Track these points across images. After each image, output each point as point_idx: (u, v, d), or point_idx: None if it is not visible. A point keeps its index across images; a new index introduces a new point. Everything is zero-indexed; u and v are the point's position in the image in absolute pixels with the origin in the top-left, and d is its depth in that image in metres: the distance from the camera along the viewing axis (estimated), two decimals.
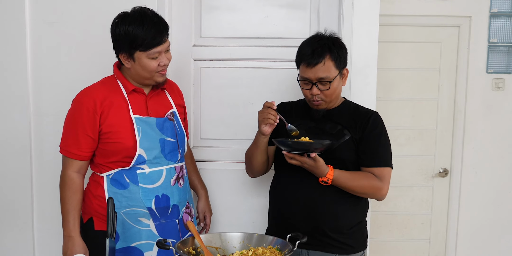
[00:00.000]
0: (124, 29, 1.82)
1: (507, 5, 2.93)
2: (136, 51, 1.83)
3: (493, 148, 3.01)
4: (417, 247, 3.12)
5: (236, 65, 2.51)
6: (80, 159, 1.91)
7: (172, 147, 1.99)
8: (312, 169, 1.85)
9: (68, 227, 1.90)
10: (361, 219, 2.03)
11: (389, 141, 2.00)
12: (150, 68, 1.86)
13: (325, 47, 1.90)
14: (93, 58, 2.37)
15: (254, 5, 2.49)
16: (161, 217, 1.96)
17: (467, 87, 2.98)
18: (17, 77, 2.38)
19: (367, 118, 1.96)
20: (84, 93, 1.92)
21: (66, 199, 1.90)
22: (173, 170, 1.99)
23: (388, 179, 1.95)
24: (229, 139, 2.55)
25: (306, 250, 1.95)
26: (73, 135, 1.89)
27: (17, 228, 2.44)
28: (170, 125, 2.00)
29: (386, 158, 1.96)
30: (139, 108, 1.94)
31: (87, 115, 1.86)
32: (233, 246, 1.77)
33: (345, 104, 2.04)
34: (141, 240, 1.94)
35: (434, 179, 3.08)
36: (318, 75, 1.88)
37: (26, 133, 2.40)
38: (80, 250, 1.89)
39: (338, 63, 1.91)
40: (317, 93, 1.91)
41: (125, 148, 1.88)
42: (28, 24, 2.35)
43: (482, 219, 3.04)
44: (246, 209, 2.55)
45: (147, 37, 1.81)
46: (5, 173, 2.43)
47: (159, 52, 1.85)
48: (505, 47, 2.97)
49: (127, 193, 1.91)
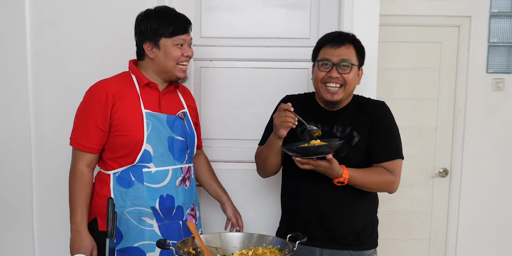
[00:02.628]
0: (150, 20, 1.90)
1: (507, 5, 2.93)
2: (161, 38, 1.90)
3: (493, 148, 3.01)
4: (417, 247, 3.12)
5: (236, 65, 2.51)
6: (91, 151, 1.90)
7: (182, 147, 1.99)
8: (327, 171, 1.80)
9: (76, 222, 1.90)
10: (373, 217, 2.03)
11: (397, 131, 1.97)
12: (173, 55, 1.91)
13: (350, 36, 1.93)
14: (93, 58, 2.37)
15: (254, 5, 2.49)
16: (165, 217, 1.96)
17: (467, 87, 2.98)
18: (17, 77, 2.38)
19: (373, 110, 1.95)
20: (98, 86, 1.93)
21: (76, 193, 1.90)
22: (179, 171, 1.98)
23: (399, 171, 1.93)
24: (229, 139, 2.55)
25: (320, 248, 1.95)
26: (84, 127, 1.89)
27: (17, 228, 2.44)
28: (180, 123, 2.00)
29: (395, 149, 1.94)
30: (151, 103, 1.94)
31: (99, 107, 1.87)
32: (233, 246, 1.77)
33: (354, 99, 2.01)
34: (144, 240, 1.93)
35: (434, 179, 3.08)
36: (341, 56, 1.86)
37: (26, 133, 2.40)
38: (88, 245, 1.89)
39: (358, 56, 1.91)
40: (336, 76, 1.86)
41: (133, 141, 1.88)
42: (28, 24, 2.35)
43: (482, 219, 3.04)
44: (246, 209, 2.54)
45: (173, 24, 1.90)
46: (5, 173, 2.43)
47: (183, 39, 1.93)
48: (505, 47, 2.97)
49: (132, 191, 1.91)
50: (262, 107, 2.51)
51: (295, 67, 2.50)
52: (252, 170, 2.52)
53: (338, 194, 1.91)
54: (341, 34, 1.93)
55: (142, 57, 1.97)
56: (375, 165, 1.92)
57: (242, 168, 2.51)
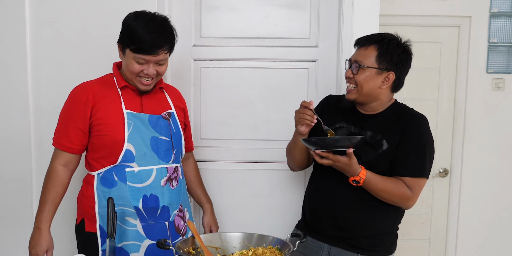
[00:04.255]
0: (127, 25, 1.85)
1: (507, 5, 2.93)
2: (126, 48, 1.84)
3: (493, 148, 3.01)
4: (417, 247, 3.12)
5: (236, 65, 2.51)
6: (69, 151, 1.91)
7: (167, 147, 1.97)
8: (345, 168, 1.77)
9: (39, 218, 1.90)
10: (392, 225, 1.98)
11: (430, 148, 1.87)
12: (131, 69, 1.86)
13: (378, 38, 1.87)
14: (92, 58, 2.37)
15: (254, 5, 2.49)
16: (149, 218, 1.93)
17: (467, 87, 2.97)
18: (17, 77, 2.38)
19: (408, 121, 1.87)
20: (80, 87, 1.94)
21: (46, 190, 1.91)
22: (164, 170, 1.96)
23: (418, 189, 1.86)
24: (229, 139, 2.55)
25: (328, 245, 1.94)
26: (64, 127, 1.91)
27: (17, 228, 2.44)
28: (164, 123, 1.98)
29: (421, 167, 1.85)
30: (133, 104, 1.94)
31: (79, 108, 1.88)
32: (233, 246, 1.77)
33: (393, 106, 1.95)
34: (127, 241, 1.91)
35: (434, 179, 3.08)
36: (356, 57, 1.87)
37: (26, 133, 2.40)
38: (44, 244, 1.89)
39: (380, 58, 1.83)
40: (349, 76, 1.87)
41: (114, 141, 1.87)
42: (28, 24, 2.35)
43: (482, 219, 3.04)
44: (246, 209, 2.55)
45: (141, 40, 1.79)
46: (5, 173, 2.43)
47: (145, 60, 1.83)
48: (505, 47, 2.97)
49: (115, 191, 1.90)
50: (262, 107, 2.51)
51: (295, 67, 2.50)
52: (252, 170, 2.53)
53: (355, 195, 1.88)
54: (372, 36, 1.91)
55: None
56: (396, 177, 1.87)
57: (242, 168, 2.51)
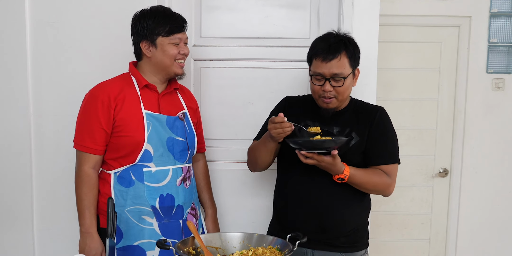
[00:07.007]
0: (146, 19, 1.92)
1: (507, 5, 2.93)
2: (158, 37, 1.92)
3: (493, 148, 3.01)
4: (417, 247, 3.12)
5: (236, 65, 2.51)
6: (96, 153, 1.92)
7: (183, 147, 2.01)
8: (329, 167, 1.81)
9: (85, 224, 1.91)
10: (365, 218, 2.04)
11: (395, 135, 1.99)
12: (170, 53, 1.94)
13: (341, 43, 1.87)
14: (93, 58, 2.37)
15: (254, 5, 2.49)
16: (165, 216, 1.97)
17: (467, 87, 2.98)
18: (17, 77, 2.38)
19: (373, 115, 1.95)
20: (99, 88, 1.94)
21: (83, 196, 1.91)
22: (179, 171, 2.00)
23: (395, 175, 1.95)
24: (229, 139, 2.55)
25: (311, 249, 1.95)
26: (88, 129, 1.90)
27: (17, 228, 2.44)
28: (180, 124, 2.02)
29: (393, 154, 1.96)
30: (151, 104, 1.96)
31: (102, 109, 1.88)
32: (233, 246, 1.76)
33: (351, 102, 2.01)
34: (143, 239, 1.94)
35: (434, 179, 3.08)
36: (333, 71, 1.85)
37: (26, 133, 2.40)
38: (98, 247, 1.91)
39: (352, 61, 1.89)
40: (330, 90, 1.86)
41: (134, 142, 1.90)
42: (28, 24, 2.35)
43: (482, 219, 3.04)
44: (246, 209, 2.55)
45: (169, 23, 1.92)
46: (5, 173, 2.43)
47: (179, 38, 1.95)
48: (505, 47, 2.97)
49: (132, 191, 1.93)
50: (262, 107, 2.51)
51: (295, 67, 2.50)
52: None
53: (331, 193, 1.91)
54: (331, 46, 1.85)
55: (140, 57, 1.99)
56: (372, 167, 1.94)
57: (242, 168, 2.50)
